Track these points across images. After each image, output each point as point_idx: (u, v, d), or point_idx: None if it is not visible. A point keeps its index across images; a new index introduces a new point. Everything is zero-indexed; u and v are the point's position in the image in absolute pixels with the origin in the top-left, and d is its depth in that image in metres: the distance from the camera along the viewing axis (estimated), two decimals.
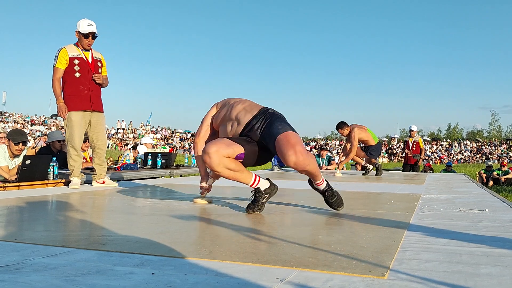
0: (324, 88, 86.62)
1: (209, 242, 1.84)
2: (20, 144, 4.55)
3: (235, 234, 2.00)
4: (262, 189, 2.74)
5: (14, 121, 31.78)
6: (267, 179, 2.84)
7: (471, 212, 2.77)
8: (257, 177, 2.75)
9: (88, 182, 4.85)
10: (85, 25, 4.25)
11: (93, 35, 4.30)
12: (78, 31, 4.26)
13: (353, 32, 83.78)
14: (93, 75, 4.35)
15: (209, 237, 1.98)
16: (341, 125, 7.10)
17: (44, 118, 36.49)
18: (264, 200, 2.74)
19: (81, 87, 4.28)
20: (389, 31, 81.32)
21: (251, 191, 2.77)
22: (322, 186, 2.76)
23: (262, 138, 2.71)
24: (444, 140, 45.07)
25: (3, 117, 32.72)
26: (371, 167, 7.29)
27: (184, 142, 36.36)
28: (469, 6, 76.67)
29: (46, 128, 31.05)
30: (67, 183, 4.53)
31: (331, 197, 2.76)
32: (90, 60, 4.37)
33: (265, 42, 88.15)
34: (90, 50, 4.40)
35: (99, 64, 4.47)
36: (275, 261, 1.48)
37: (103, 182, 4.54)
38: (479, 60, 77.53)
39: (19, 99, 74.41)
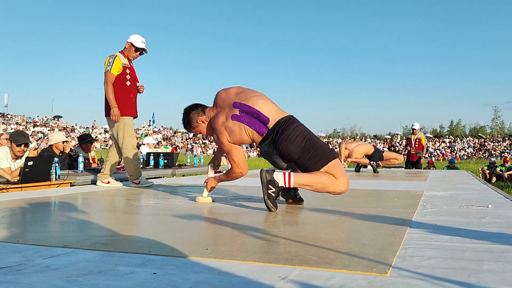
0: (326, 86, 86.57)
1: (211, 241, 1.84)
2: (22, 145, 4.55)
3: (237, 233, 2.00)
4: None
5: (16, 123, 31.86)
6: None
7: (474, 208, 2.76)
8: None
9: (93, 182, 4.86)
10: (139, 41, 4.58)
11: (142, 52, 4.65)
12: (131, 43, 4.56)
13: (355, 29, 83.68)
14: (138, 85, 4.70)
15: (211, 236, 1.98)
16: None
17: (47, 120, 36.58)
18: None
19: (130, 95, 4.58)
20: (391, 28, 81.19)
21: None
22: None
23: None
24: (447, 136, 44.97)
25: (5, 118, 32.81)
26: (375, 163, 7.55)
27: (186, 142, 36.38)
28: (470, 3, 76.50)
29: (48, 130, 31.12)
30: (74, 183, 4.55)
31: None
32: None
33: (268, 40, 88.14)
34: (132, 62, 4.70)
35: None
36: (277, 260, 1.48)
37: (108, 182, 4.62)
38: (481, 56, 77.34)
39: (21, 100, 74.56)
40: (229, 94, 2.95)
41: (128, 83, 4.52)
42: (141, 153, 8.09)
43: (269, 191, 2.68)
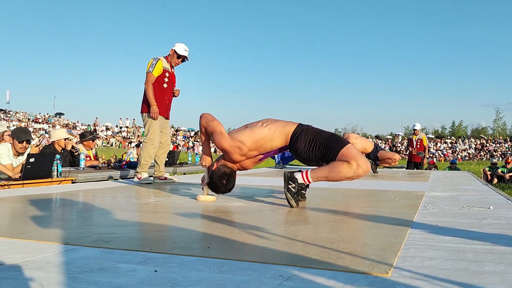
0: (327, 86, 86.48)
1: (212, 239, 1.84)
2: (24, 142, 4.56)
3: (238, 231, 2.00)
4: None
5: (18, 120, 31.90)
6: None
7: (475, 209, 2.76)
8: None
9: (90, 180, 4.87)
10: (182, 49, 4.82)
11: (184, 59, 4.89)
12: (175, 50, 4.81)
13: (356, 30, 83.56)
14: (174, 89, 4.93)
15: (212, 235, 1.98)
16: None
17: (48, 117, 36.62)
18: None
19: (165, 96, 4.80)
20: (393, 28, 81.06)
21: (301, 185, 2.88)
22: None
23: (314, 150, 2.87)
24: (449, 137, 44.89)
25: (8, 115, 32.86)
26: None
27: (187, 140, 36.39)
28: (471, 3, 76.33)
29: (49, 127, 31.16)
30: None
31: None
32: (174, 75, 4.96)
33: (269, 40, 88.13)
34: (173, 68, 4.95)
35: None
36: (278, 259, 1.48)
37: (165, 178, 4.93)
38: (483, 57, 77.21)
39: (23, 97, 74.80)
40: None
41: (165, 85, 4.76)
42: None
43: (289, 186, 2.83)
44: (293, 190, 2.82)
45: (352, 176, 2.78)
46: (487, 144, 39.03)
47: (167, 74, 4.76)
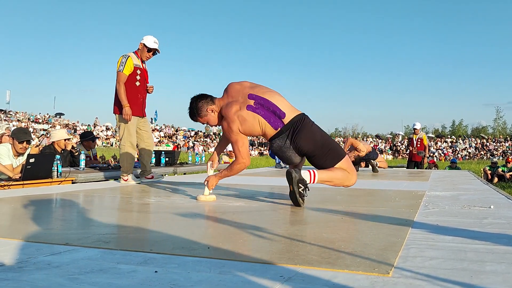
0: (328, 85, 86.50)
1: (212, 240, 1.83)
2: (24, 142, 4.56)
3: (239, 231, 1.99)
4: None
5: (18, 120, 31.90)
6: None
7: (476, 209, 2.75)
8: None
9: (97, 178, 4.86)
10: (152, 41, 4.60)
11: (154, 52, 4.66)
12: (144, 44, 4.58)
13: (357, 28, 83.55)
14: (148, 86, 4.72)
15: (213, 235, 1.98)
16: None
17: (48, 117, 36.62)
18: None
19: (138, 95, 4.61)
20: (393, 27, 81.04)
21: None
22: None
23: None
24: (449, 136, 44.87)
25: (8, 115, 32.85)
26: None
27: (187, 140, 36.37)
28: (473, 2, 76.27)
29: (50, 127, 31.15)
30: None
31: None
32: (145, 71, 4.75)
33: (269, 39, 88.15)
34: (145, 63, 4.74)
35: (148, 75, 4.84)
36: (278, 259, 1.48)
37: (152, 177, 4.80)
38: (483, 56, 77.20)
39: (23, 97, 74.78)
40: (243, 86, 3.03)
41: (137, 83, 4.57)
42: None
43: (300, 190, 2.78)
44: (303, 193, 2.79)
45: (348, 185, 2.96)
46: (488, 143, 39.03)
47: (138, 72, 4.56)
